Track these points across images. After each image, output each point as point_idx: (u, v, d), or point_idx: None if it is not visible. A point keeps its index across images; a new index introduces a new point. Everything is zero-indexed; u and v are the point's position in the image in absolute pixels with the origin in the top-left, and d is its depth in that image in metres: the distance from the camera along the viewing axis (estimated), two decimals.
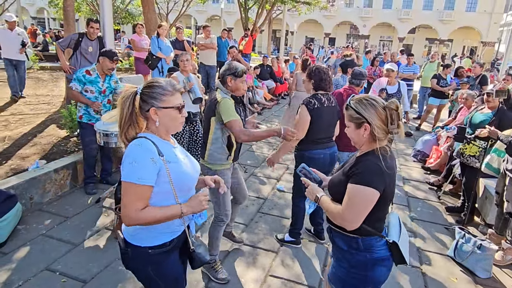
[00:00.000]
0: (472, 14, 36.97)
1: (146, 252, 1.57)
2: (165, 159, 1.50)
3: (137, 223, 1.47)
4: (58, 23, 33.92)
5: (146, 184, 1.45)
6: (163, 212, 1.49)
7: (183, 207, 1.52)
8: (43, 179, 3.69)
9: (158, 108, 1.51)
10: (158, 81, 1.56)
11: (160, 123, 1.53)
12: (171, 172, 1.51)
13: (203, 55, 8.08)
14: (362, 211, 1.56)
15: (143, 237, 1.57)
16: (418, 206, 4.30)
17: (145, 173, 1.44)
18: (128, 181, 1.44)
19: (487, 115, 3.81)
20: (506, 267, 3.19)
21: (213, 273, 2.76)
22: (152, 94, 1.51)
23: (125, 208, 1.45)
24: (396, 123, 1.57)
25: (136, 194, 1.45)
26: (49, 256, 2.88)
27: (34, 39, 16.63)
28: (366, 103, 1.60)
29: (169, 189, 1.52)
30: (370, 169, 1.56)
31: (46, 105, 6.55)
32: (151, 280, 1.64)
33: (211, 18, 39.93)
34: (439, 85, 7.53)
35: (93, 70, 3.82)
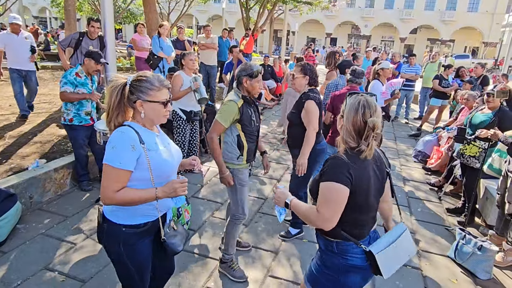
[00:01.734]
0: (474, 15, 36.90)
1: (119, 229, 1.68)
2: (145, 147, 1.61)
3: (114, 203, 1.59)
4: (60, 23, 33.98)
5: (124, 169, 1.56)
6: (138, 194, 1.60)
7: (158, 191, 1.61)
8: (43, 178, 3.69)
9: (144, 101, 1.61)
10: (146, 76, 1.64)
11: (145, 115, 1.64)
12: (150, 159, 1.61)
13: (204, 55, 8.07)
14: (334, 207, 1.53)
15: (119, 214, 1.68)
16: (419, 207, 4.29)
17: (124, 158, 1.55)
18: (109, 164, 1.55)
19: (488, 116, 3.79)
20: (506, 268, 3.18)
21: (231, 271, 2.78)
22: (139, 87, 1.61)
23: (103, 188, 1.56)
24: (367, 143, 1.54)
25: (114, 177, 1.56)
26: (48, 255, 2.88)
27: (36, 38, 16.67)
28: (354, 105, 1.58)
29: (147, 176, 1.62)
30: (334, 165, 1.56)
31: (47, 104, 6.56)
32: (119, 257, 1.73)
33: (212, 18, 39.96)
34: (441, 85, 7.50)
35: (81, 72, 3.80)
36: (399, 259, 1.71)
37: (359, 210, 1.62)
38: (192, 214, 3.48)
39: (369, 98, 1.61)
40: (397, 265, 1.69)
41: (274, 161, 5.47)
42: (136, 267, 1.77)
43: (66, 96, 3.71)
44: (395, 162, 5.81)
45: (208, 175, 4.70)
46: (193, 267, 2.88)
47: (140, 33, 7.62)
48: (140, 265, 1.78)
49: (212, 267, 2.89)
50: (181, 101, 4.35)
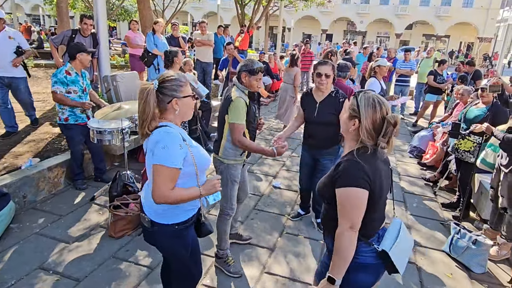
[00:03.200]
0: (469, 10, 36.98)
1: (173, 228, 1.78)
2: (188, 144, 1.71)
3: (168, 202, 1.65)
4: (53, 20, 33.64)
5: (177, 167, 1.63)
6: (187, 192, 1.70)
7: (201, 189, 1.74)
8: (37, 177, 3.66)
9: (179, 98, 1.70)
10: (172, 75, 1.73)
11: (180, 112, 1.73)
12: (194, 155, 1.71)
13: (200, 51, 8.04)
14: (357, 212, 1.52)
15: (170, 215, 1.76)
16: (414, 202, 4.31)
17: (176, 157, 1.63)
18: (162, 164, 1.61)
19: (482, 110, 3.81)
20: (501, 262, 3.20)
21: (226, 267, 2.81)
22: (172, 86, 1.70)
23: (158, 188, 1.62)
24: (387, 138, 1.53)
25: (169, 176, 1.62)
26: (43, 254, 2.86)
27: (29, 36, 16.51)
28: (370, 103, 1.54)
29: (193, 171, 1.72)
30: (350, 169, 1.52)
31: (40, 103, 6.49)
32: (177, 252, 1.87)
33: (207, 15, 39.74)
34: (435, 81, 7.53)
35: (71, 69, 3.74)
36: (406, 252, 1.73)
37: (373, 209, 1.59)
38: None
39: (378, 94, 1.60)
40: (406, 258, 1.71)
41: (270, 157, 5.47)
42: (192, 256, 1.94)
43: (57, 97, 3.66)
44: (391, 158, 5.82)
45: None
46: None
47: (133, 30, 7.57)
48: (192, 251, 1.94)
49: (208, 264, 2.89)
50: None
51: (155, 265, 2.82)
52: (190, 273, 2.00)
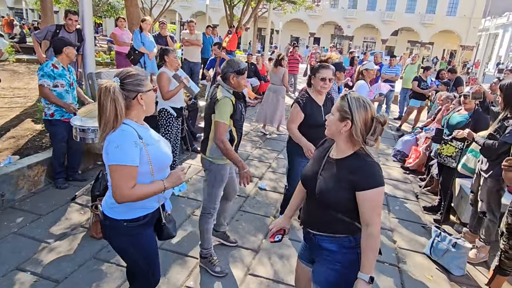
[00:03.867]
0: (452, 18, 37.97)
1: (121, 225, 1.73)
2: (144, 142, 1.67)
3: (129, 200, 1.62)
4: (37, 14, 32.81)
5: (134, 165, 1.61)
6: (149, 188, 1.67)
7: (165, 182, 1.71)
8: (16, 175, 3.55)
9: (143, 92, 1.68)
10: (132, 70, 1.70)
11: (145, 106, 1.71)
12: (149, 153, 1.67)
13: (188, 51, 7.97)
14: (380, 210, 1.62)
15: (118, 211, 1.72)
16: (397, 205, 4.38)
17: (132, 155, 1.60)
18: (119, 163, 1.58)
19: (464, 117, 3.91)
20: (479, 264, 3.28)
21: (211, 266, 2.80)
22: (135, 81, 1.67)
23: (118, 188, 1.59)
24: (376, 136, 1.60)
25: (127, 175, 1.59)
26: (20, 255, 2.78)
27: (11, 30, 16.06)
28: (361, 104, 1.60)
29: (147, 169, 1.68)
30: (376, 169, 1.60)
31: (21, 99, 6.31)
32: (126, 250, 1.81)
33: (196, 14, 39.51)
34: (419, 87, 7.69)
35: (57, 63, 3.70)
36: None
37: None
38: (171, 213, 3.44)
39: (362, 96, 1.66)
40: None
41: (256, 159, 5.47)
42: (144, 258, 1.85)
43: (44, 92, 3.60)
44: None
45: (189, 172, 4.64)
46: (172, 266, 2.84)
47: (120, 27, 7.44)
48: (147, 256, 1.86)
49: (191, 266, 2.86)
50: (172, 99, 4.12)
51: None
52: (144, 276, 1.91)
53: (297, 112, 3.04)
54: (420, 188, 4.85)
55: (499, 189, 3.15)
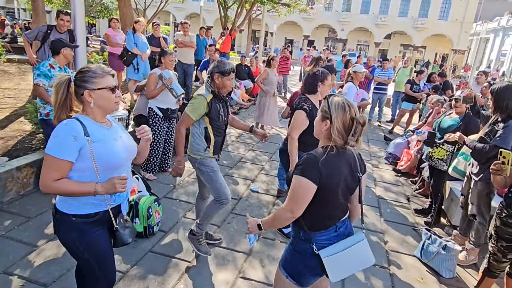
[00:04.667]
0: (444, 22, 38.43)
1: (70, 219, 1.72)
2: (90, 139, 1.64)
3: (50, 191, 1.63)
4: (29, 14, 32.48)
5: (64, 159, 1.60)
6: (76, 187, 1.64)
7: (97, 186, 1.65)
8: (4, 177, 3.50)
9: (91, 90, 1.67)
10: (88, 66, 1.71)
11: (95, 104, 1.69)
12: (94, 151, 1.64)
13: (181, 53, 7.94)
14: (299, 200, 1.65)
15: (69, 203, 1.72)
16: (388, 207, 4.40)
17: (64, 149, 1.59)
18: (48, 153, 1.60)
19: (455, 120, 3.94)
20: (469, 267, 3.31)
21: (197, 244, 2.92)
22: (84, 78, 1.67)
23: (42, 176, 1.61)
24: (357, 137, 1.64)
25: (53, 166, 1.60)
26: (8, 258, 2.73)
27: (2, 29, 15.87)
28: (339, 105, 1.66)
29: (90, 166, 1.66)
30: (306, 161, 1.65)
31: (11, 99, 6.23)
32: (73, 247, 1.77)
33: (190, 16, 39.45)
34: (412, 90, 7.77)
35: (55, 63, 3.69)
36: (350, 267, 1.77)
37: (325, 205, 1.71)
38: (163, 215, 3.41)
39: (344, 98, 1.71)
40: (347, 272, 1.76)
41: (249, 161, 5.46)
42: (93, 257, 1.80)
43: (40, 91, 3.57)
44: (367, 164, 5.94)
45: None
46: (162, 269, 2.81)
47: (114, 28, 7.40)
48: (97, 255, 1.82)
49: (182, 268, 2.84)
50: (158, 99, 4.26)
51: (126, 269, 2.74)
52: (94, 277, 1.87)
53: (302, 120, 2.94)
54: (412, 191, 4.88)
55: (489, 192, 3.18)
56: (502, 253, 2.54)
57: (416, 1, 38.87)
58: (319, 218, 1.75)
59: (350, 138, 1.63)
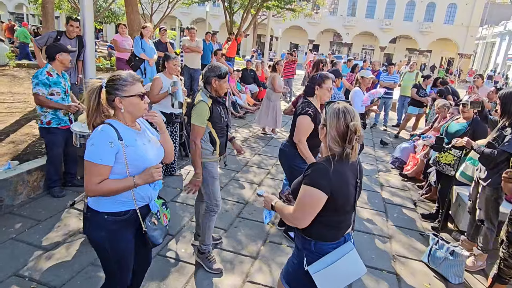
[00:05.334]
0: (450, 27, 38.30)
1: (102, 218, 1.79)
2: (123, 143, 1.72)
3: (96, 194, 1.72)
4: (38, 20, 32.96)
5: (104, 164, 1.69)
6: (117, 183, 1.72)
7: (135, 178, 1.75)
8: (15, 180, 3.55)
9: (121, 97, 1.74)
10: (119, 74, 1.78)
11: (125, 110, 1.77)
12: (127, 155, 1.73)
13: (188, 58, 8.02)
14: (309, 210, 1.63)
15: (101, 202, 1.79)
16: (395, 212, 4.39)
17: (103, 154, 1.68)
18: (89, 160, 1.69)
19: (462, 125, 3.94)
20: (477, 272, 3.29)
21: (207, 263, 2.89)
22: (115, 85, 1.74)
23: (86, 182, 1.70)
24: (351, 145, 1.61)
25: (95, 172, 1.69)
26: (18, 261, 2.77)
27: (11, 35, 16.11)
28: (334, 112, 1.65)
29: (124, 170, 1.75)
30: (316, 171, 1.63)
31: (21, 104, 6.33)
32: (101, 245, 1.83)
33: (196, 21, 39.76)
34: (418, 94, 7.76)
35: (52, 70, 3.63)
36: (341, 280, 1.71)
37: (337, 213, 1.68)
38: (170, 219, 3.44)
39: (346, 104, 1.70)
40: (338, 285, 1.70)
41: (255, 165, 5.48)
42: (116, 257, 1.86)
43: (40, 100, 3.54)
44: (374, 168, 5.93)
45: (188, 178, 4.64)
46: (170, 272, 2.83)
47: (122, 34, 7.49)
48: (120, 255, 1.87)
49: (190, 272, 2.86)
50: (162, 103, 4.30)
51: None
52: (112, 276, 1.94)
53: (308, 124, 2.95)
54: (419, 196, 4.87)
55: (497, 198, 3.16)
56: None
57: (421, 5, 38.83)
58: (332, 227, 1.71)
59: (347, 145, 1.61)
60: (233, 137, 3.21)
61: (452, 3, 37.93)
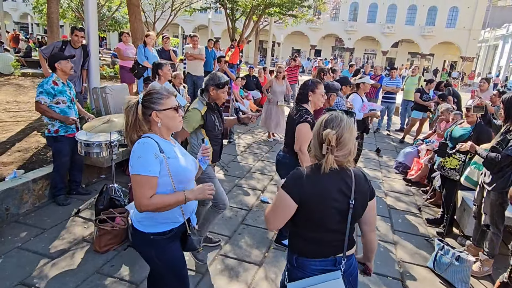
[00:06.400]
0: (451, 30, 38.28)
1: (149, 237, 1.82)
2: (165, 155, 1.75)
3: (148, 209, 1.69)
4: (42, 29, 33.37)
5: (153, 175, 1.69)
6: (170, 197, 1.73)
7: (187, 193, 1.77)
8: (21, 189, 3.58)
9: (158, 111, 1.77)
10: (154, 88, 1.85)
11: (161, 124, 1.79)
12: (170, 166, 1.75)
13: (191, 65, 8.08)
14: (278, 212, 1.63)
15: (146, 224, 1.82)
16: (400, 217, 4.37)
17: (152, 165, 1.69)
18: (138, 173, 1.68)
19: (466, 129, 3.93)
20: (483, 278, 3.26)
21: (195, 253, 2.98)
22: (152, 100, 1.78)
23: (138, 197, 1.67)
24: (326, 156, 1.53)
25: (146, 184, 1.68)
26: (24, 270, 2.79)
27: (16, 44, 16.33)
28: (320, 120, 1.62)
29: (168, 181, 1.76)
30: (292, 175, 1.62)
31: (26, 113, 6.40)
32: (154, 261, 1.89)
33: (198, 28, 40.07)
34: (421, 99, 7.75)
35: (58, 79, 3.67)
36: None
37: (315, 228, 1.60)
38: None
39: (340, 113, 1.61)
40: None
41: (258, 171, 5.49)
42: (170, 270, 1.93)
43: (41, 107, 3.57)
44: (377, 173, 5.91)
45: None
46: None
47: (125, 42, 7.58)
48: (173, 267, 1.94)
49: (192, 281, 2.85)
50: None
51: (140, 280, 2.77)
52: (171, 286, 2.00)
53: (308, 131, 2.91)
54: (423, 201, 4.84)
55: (502, 202, 3.14)
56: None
57: (423, 9, 38.87)
58: (309, 242, 1.63)
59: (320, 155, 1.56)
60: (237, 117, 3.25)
61: (454, 6, 37.95)
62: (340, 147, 1.54)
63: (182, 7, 17.59)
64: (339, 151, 1.54)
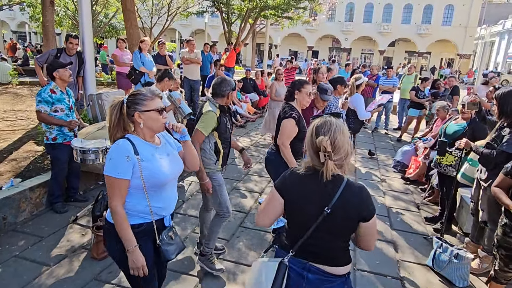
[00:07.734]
0: (448, 28, 38.40)
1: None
2: (139, 158, 1.75)
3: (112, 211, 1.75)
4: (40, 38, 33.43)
5: (121, 178, 1.72)
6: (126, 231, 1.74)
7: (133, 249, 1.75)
8: (18, 198, 3.58)
9: (141, 112, 1.78)
10: (139, 90, 1.85)
11: (144, 125, 1.80)
12: (143, 169, 1.76)
13: (188, 69, 8.10)
14: (267, 208, 1.71)
15: None
16: (398, 216, 4.36)
17: (121, 168, 1.71)
18: (108, 174, 1.73)
19: (461, 125, 3.93)
20: (482, 275, 3.25)
21: (210, 264, 2.94)
22: (135, 100, 1.79)
23: (110, 199, 1.74)
24: (326, 163, 1.52)
25: (116, 185, 1.73)
26: (22, 278, 2.78)
27: (14, 53, 16.37)
28: (310, 127, 1.64)
29: (140, 184, 1.77)
30: (284, 173, 1.72)
31: (23, 121, 6.41)
32: (119, 258, 1.85)
33: (195, 32, 40.19)
34: (417, 97, 7.77)
35: (56, 88, 3.68)
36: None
37: (292, 224, 1.70)
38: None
39: (324, 118, 1.62)
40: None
41: (256, 174, 5.49)
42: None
43: (42, 117, 3.61)
44: (376, 172, 5.91)
45: (190, 189, 4.66)
46: (172, 285, 2.83)
47: (121, 48, 7.61)
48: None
49: (192, 284, 2.85)
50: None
51: None
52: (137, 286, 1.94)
53: (293, 127, 3.02)
54: (422, 199, 4.84)
55: None
56: (503, 262, 2.52)
57: (418, 8, 39.00)
58: (288, 236, 1.71)
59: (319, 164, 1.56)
60: (243, 148, 3.24)
61: (449, 4, 38.08)
62: (337, 150, 1.55)
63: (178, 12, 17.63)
64: (336, 155, 1.55)
